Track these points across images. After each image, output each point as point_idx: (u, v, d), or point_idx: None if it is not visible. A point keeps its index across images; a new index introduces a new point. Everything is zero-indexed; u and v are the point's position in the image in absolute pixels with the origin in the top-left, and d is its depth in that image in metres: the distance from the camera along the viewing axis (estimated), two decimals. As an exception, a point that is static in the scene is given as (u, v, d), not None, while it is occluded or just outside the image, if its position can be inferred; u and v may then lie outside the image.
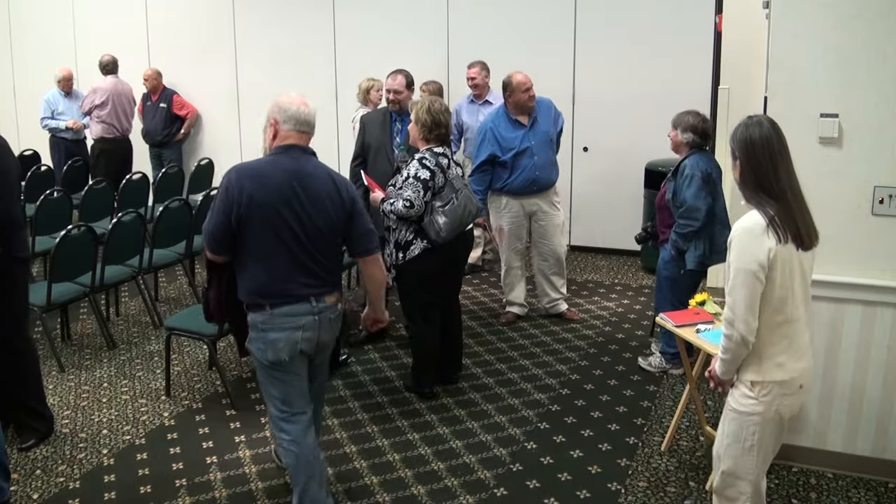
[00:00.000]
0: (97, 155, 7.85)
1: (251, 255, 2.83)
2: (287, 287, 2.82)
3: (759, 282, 2.34)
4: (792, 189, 2.36)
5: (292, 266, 2.82)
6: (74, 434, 3.91)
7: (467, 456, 3.65)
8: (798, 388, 2.45)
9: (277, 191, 2.79)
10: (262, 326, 2.84)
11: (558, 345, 4.94)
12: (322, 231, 2.85)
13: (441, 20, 7.22)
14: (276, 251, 2.80)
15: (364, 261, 3.05)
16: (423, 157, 4.00)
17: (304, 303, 2.84)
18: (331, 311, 2.93)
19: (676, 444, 3.72)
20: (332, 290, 2.94)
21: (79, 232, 4.67)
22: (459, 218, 4.01)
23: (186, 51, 8.36)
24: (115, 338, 5.11)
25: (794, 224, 2.34)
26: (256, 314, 2.86)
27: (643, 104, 6.57)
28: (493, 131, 4.98)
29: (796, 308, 2.41)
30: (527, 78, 4.97)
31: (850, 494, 3.29)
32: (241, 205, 2.76)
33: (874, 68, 3.10)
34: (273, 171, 2.83)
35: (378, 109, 4.93)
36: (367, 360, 4.75)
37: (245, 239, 2.81)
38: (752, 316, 2.36)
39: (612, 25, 6.65)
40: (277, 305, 2.82)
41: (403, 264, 4.05)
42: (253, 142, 7.34)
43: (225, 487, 3.43)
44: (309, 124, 2.93)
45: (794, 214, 2.34)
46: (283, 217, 2.78)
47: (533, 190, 5.06)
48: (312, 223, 2.83)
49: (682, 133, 4.21)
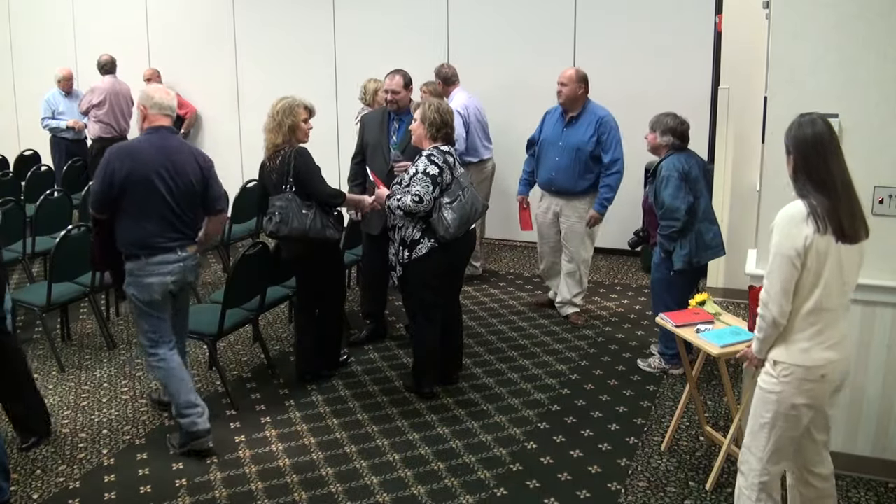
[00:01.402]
0: (95, 155, 7.84)
1: (130, 215, 3.47)
2: (158, 241, 3.48)
3: (795, 268, 2.43)
4: (843, 184, 2.43)
5: (163, 223, 3.48)
6: (74, 434, 3.91)
7: (467, 456, 3.65)
8: (820, 378, 2.48)
9: (151, 164, 3.44)
10: (138, 273, 3.50)
11: (558, 345, 4.94)
12: (186, 195, 3.52)
13: (441, 20, 7.21)
14: (149, 212, 3.45)
15: (211, 218, 3.73)
16: (431, 154, 4.01)
17: (172, 253, 3.52)
18: (192, 258, 3.64)
19: (676, 444, 3.72)
20: (192, 241, 3.62)
21: (79, 232, 4.68)
22: (467, 215, 4.04)
23: (186, 51, 8.36)
24: (115, 338, 5.11)
25: (837, 217, 2.40)
26: (133, 263, 3.51)
27: (643, 104, 6.53)
28: (545, 116, 5.26)
29: (829, 298, 2.46)
30: (564, 73, 5.08)
31: (850, 494, 3.29)
32: (121, 177, 3.41)
33: (875, 68, 3.10)
34: (147, 148, 3.50)
35: (377, 109, 4.93)
36: (367, 360, 4.75)
37: (124, 203, 3.45)
38: (786, 299, 2.46)
39: (611, 25, 6.65)
40: (151, 255, 3.48)
41: (410, 263, 4.05)
42: (253, 141, 7.34)
43: (225, 487, 3.43)
44: (171, 108, 3.60)
45: (839, 207, 2.41)
46: (155, 185, 3.44)
47: (552, 189, 5.16)
48: (178, 189, 3.49)
49: (661, 136, 4.25)
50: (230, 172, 7.98)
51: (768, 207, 3.36)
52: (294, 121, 4.04)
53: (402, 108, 4.68)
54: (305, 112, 4.10)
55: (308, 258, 4.20)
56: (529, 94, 6.54)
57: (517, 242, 7.24)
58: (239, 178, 7.46)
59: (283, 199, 4.03)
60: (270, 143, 4.10)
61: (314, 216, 4.03)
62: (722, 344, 3.23)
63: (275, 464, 3.60)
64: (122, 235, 3.51)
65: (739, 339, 3.24)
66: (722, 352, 3.20)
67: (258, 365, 4.71)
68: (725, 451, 3.35)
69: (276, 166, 4.05)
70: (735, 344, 3.22)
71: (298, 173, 4.01)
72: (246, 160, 8.25)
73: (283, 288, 4.71)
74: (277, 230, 4.04)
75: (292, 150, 4.04)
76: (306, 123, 4.11)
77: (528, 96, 6.53)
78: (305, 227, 4.01)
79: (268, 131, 4.10)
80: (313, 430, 3.90)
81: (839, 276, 2.47)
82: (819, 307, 2.46)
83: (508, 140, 6.32)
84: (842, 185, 2.43)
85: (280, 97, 4.13)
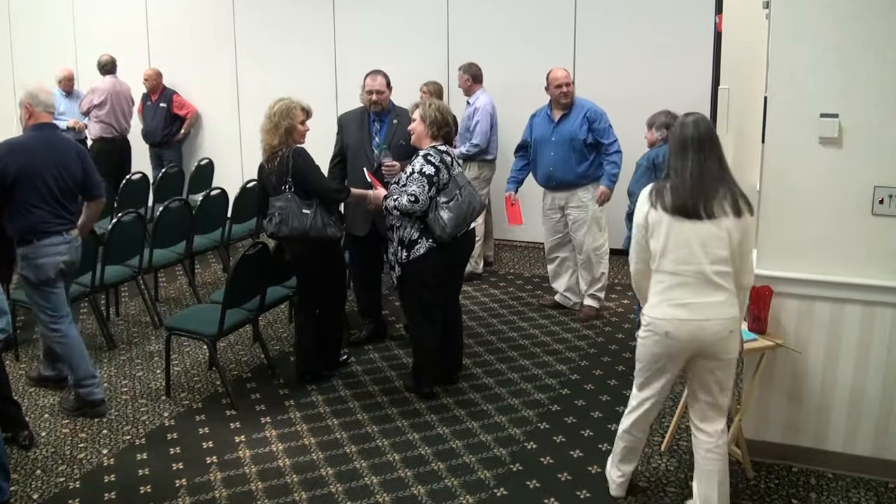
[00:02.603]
0: (96, 155, 7.83)
1: (21, 205, 3.76)
2: (47, 226, 3.82)
3: (641, 235, 2.97)
4: (698, 173, 2.84)
5: (51, 211, 3.82)
6: (74, 434, 3.91)
7: (467, 456, 3.65)
8: (665, 334, 2.91)
9: (41, 159, 3.78)
10: (31, 255, 3.82)
11: (558, 345, 4.94)
12: (69, 184, 3.89)
13: (441, 19, 7.22)
14: (39, 201, 3.78)
15: (90, 203, 4.09)
16: (427, 154, 4.01)
17: (59, 235, 3.87)
18: (75, 240, 3.98)
19: (676, 444, 3.72)
20: (74, 226, 3.97)
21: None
22: (464, 214, 4.04)
23: (186, 51, 8.36)
24: (115, 338, 5.11)
25: (681, 198, 2.83)
26: (26, 247, 3.82)
27: (643, 104, 6.52)
28: (531, 119, 5.39)
29: (675, 264, 2.88)
30: (561, 74, 5.16)
31: (850, 494, 3.29)
32: (14, 172, 3.70)
33: (874, 68, 3.10)
34: (36, 145, 3.82)
35: (354, 109, 4.90)
36: (367, 360, 4.75)
37: (16, 194, 3.74)
38: (636, 258, 3.04)
39: (611, 25, 6.65)
40: (41, 239, 3.81)
41: (408, 263, 4.05)
42: (253, 141, 7.33)
43: (225, 487, 3.43)
44: (53, 106, 4.00)
45: (683, 190, 2.84)
46: (44, 177, 3.78)
47: (553, 185, 5.27)
48: (64, 180, 3.85)
49: (657, 131, 4.56)
50: (230, 172, 7.99)
51: (768, 207, 3.36)
52: (291, 123, 4.05)
53: (384, 109, 4.68)
54: (303, 114, 4.12)
55: (308, 258, 4.21)
56: (529, 94, 6.51)
57: (517, 242, 7.24)
58: (239, 178, 7.47)
59: (283, 200, 4.03)
60: (267, 145, 4.11)
61: (314, 215, 4.04)
62: None
63: (275, 464, 3.61)
64: (13, 224, 3.82)
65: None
66: None
67: (258, 365, 4.71)
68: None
69: (275, 168, 4.06)
70: None
71: (298, 172, 4.02)
72: (246, 160, 8.25)
73: (283, 288, 4.71)
74: (278, 230, 4.05)
75: (290, 150, 4.04)
76: (303, 125, 4.13)
77: (528, 96, 6.49)
78: (306, 226, 4.02)
79: (265, 132, 4.11)
80: (313, 430, 3.91)
81: (686, 247, 2.84)
82: (663, 270, 2.90)
83: (508, 139, 6.31)
84: (696, 174, 2.83)
85: (277, 99, 4.14)
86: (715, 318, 2.86)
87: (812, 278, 3.30)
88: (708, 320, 2.86)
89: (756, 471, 3.46)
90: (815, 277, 3.30)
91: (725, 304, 2.87)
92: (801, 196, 3.28)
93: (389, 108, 4.71)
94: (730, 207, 2.82)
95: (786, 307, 3.36)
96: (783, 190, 3.31)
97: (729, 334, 2.89)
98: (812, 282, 3.30)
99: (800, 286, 3.32)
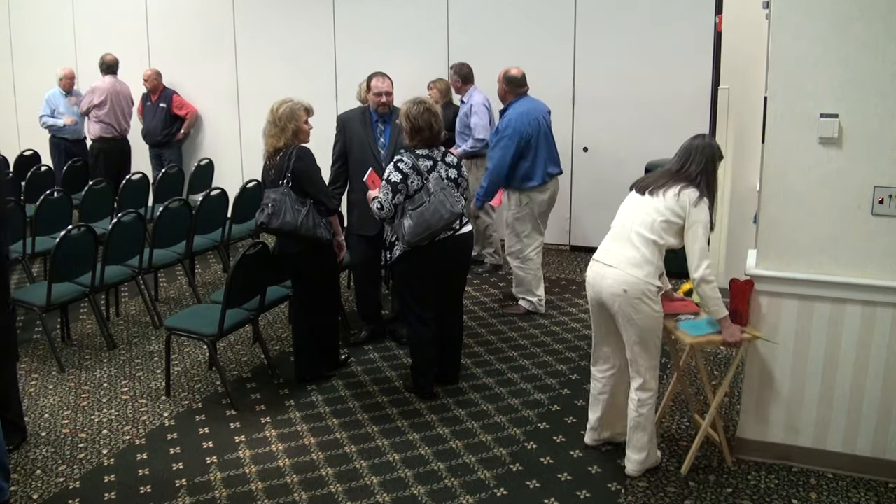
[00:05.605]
0: (96, 155, 7.86)
1: None
2: None
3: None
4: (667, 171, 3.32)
5: None
6: (74, 434, 3.91)
7: (467, 456, 3.65)
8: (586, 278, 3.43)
9: None
10: None
11: (558, 345, 4.94)
12: None
13: (441, 19, 7.22)
14: None
15: None
16: (399, 160, 3.97)
17: None
18: None
19: (676, 444, 3.72)
20: None
21: (79, 232, 4.68)
22: (427, 222, 3.87)
23: (186, 51, 8.36)
24: (115, 338, 5.11)
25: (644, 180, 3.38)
26: None
27: (643, 104, 6.57)
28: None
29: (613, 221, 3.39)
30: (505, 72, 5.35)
31: (850, 494, 3.29)
32: None
33: (874, 68, 3.10)
34: None
35: (354, 109, 4.89)
36: (367, 360, 4.76)
37: None
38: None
39: (612, 26, 6.65)
40: None
41: (391, 264, 4.15)
42: (252, 141, 7.35)
43: (225, 487, 3.43)
44: None
45: (649, 178, 3.38)
46: None
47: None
48: None
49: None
50: (230, 172, 8.00)
51: (768, 207, 3.36)
52: (297, 124, 4.09)
53: (389, 110, 4.70)
54: (305, 113, 4.15)
55: (297, 255, 4.20)
56: (529, 93, 6.53)
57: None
58: (239, 179, 7.48)
59: (278, 193, 4.03)
60: (272, 147, 4.11)
61: (307, 213, 4.04)
62: (695, 334, 3.31)
63: (275, 464, 3.61)
64: None
65: (715, 329, 3.32)
66: (694, 341, 3.29)
67: (258, 365, 4.71)
68: (702, 433, 3.47)
69: (276, 163, 4.08)
70: (710, 334, 3.31)
71: (298, 171, 4.03)
72: (246, 160, 8.25)
73: (283, 288, 4.71)
74: (268, 221, 4.04)
75: (294, 147, 4.06)
76: (307, 124, 4.15)
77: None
78: (297, 222, 4.01)
79: (269, 136, 4.11)
80: (313, 431, 3.91)
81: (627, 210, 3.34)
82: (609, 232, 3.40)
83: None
84: (666, 172, 3.32)
85: (279, 101, 4.14)
86: (617, 267, 3.23)
87: (812, 278, 3.30)
88: (610, 267, 3.26)
89: (756, 471, 3.46)
90: (815, 277, 3.30)
91: (631, 262, 3.21)
92: (800, 196, 3.28)
93: (391, 108, 4.72)
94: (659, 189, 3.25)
95: (786, 307, 3.36)
96: (783, 190, 3.31)
97: (623, 293, 3.19)
98: (812, 282, 3.30)
99: (800, 286, 3.32)
